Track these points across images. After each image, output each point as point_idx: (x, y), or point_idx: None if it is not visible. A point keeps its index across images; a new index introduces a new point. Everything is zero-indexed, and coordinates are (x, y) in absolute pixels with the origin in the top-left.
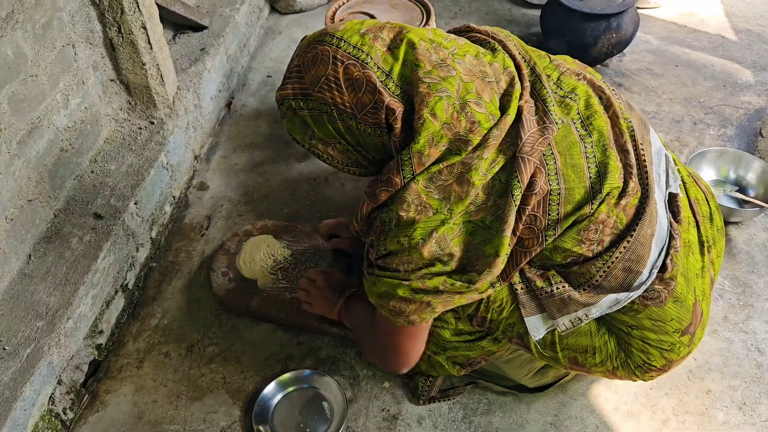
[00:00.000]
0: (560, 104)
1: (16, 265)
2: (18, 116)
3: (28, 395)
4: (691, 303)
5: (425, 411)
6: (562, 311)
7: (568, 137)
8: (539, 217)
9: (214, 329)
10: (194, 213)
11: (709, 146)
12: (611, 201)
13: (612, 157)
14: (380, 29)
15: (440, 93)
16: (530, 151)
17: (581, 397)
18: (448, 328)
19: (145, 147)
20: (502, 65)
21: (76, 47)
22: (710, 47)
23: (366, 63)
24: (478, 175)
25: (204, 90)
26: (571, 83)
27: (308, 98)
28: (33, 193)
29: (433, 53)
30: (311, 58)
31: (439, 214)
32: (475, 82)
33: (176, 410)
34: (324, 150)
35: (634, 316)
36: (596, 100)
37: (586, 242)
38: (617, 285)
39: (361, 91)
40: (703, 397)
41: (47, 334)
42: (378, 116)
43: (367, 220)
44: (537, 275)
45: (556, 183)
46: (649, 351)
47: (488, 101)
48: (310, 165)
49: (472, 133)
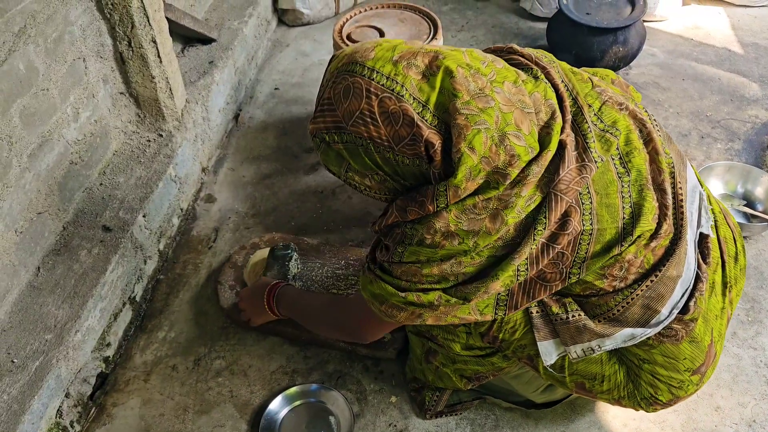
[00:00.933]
0: (600, 139)
1: (25, 277)
2: (29, 129)
3: (36, 408)
4: (707, 344)
5: (432, 426)
6: (575, 339)
7: (605, 175)
8: (567, 254)
9: (221, 342)
10: (202, 225)
11: (716, 160)
12: (641, 242)
13: (648, 198)
14: (413, 56)
15: (479, 126)
16: (565, 190)
17: (589, 413)
18: (459, 342)
19: (154, 159)
20: (544, 96)
21: (87, 61)
22: (717, 61)
23: (401, 95)
24: (513, 213)
25: (212, 103)
26: (612, 116)
27: (342, 132)
28: (43, 205)
29: (471, 81)
30: (342, 91)
31: (464, 244)
32: (514, 113)
33: (183, 424)
34: (361, 181)
35: (647, 350)
36: (636, 135)
37: (608, 278)
38: (634, 321)
39: (398, 125)
40: (712, 414)
41: (55, 347)
42: (416, 148)
43: (389, 227)
44: (553, 301)
45: (589, 223)
46: (657, 386)
47: (527, 133)
48: (317, 178)
49: (511, 166)
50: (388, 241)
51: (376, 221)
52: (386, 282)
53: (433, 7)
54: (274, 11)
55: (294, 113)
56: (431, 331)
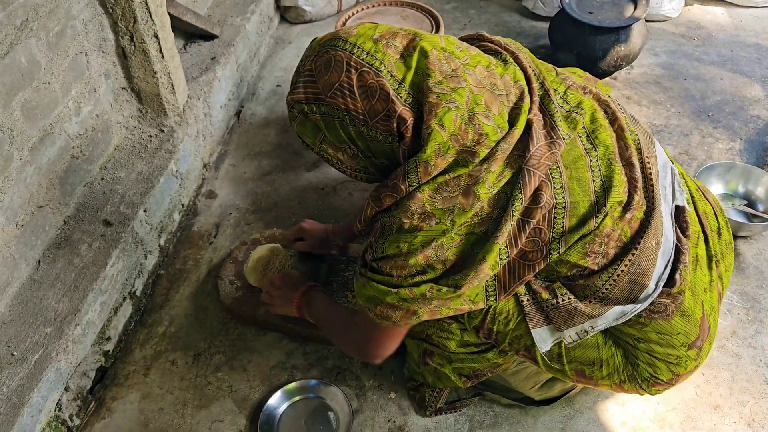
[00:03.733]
0: (566, 119)
1: (25, 271)
2: (30, 123)
3: (36, 401)
4: (699, 317)
5: (431, 423)
6: (568, 323)
7: (573, 151)
8: (543, 230)
9: (220, 337)
10: (202, 221)
11: (717, 160)
12: (615, 214)
13: (617, 170)
14: (393, 36)
15: (449, 104)
16: (536, 165)
17: (588, 410)
18: (454, 339)
19: (155, 155)
20: (513, 78)
21: (89, 55)
22: (719, 61)
23: (380, 71)
24: (484, 188)
25: (214, 99)
26: (577, 97)
27: (321, 103)
28: (43, 199)
29: (445, 63)
30: (324, 63)
31: (441, 224)
32: (484, 95)
33: (182, 418)
34: (334, 155)
35: (640, 329)
36: (601, 114)
37: (591, 255)
38: (623, 297)
39: (375, 99)
40: (711, 412)
41: (55, 341)
42: (390, 124)
43: (369, 222)
44: (542, 287)
45: (561, 197)
46: (655, 364)
47: (497, 114)
48: (318, 174)
49: (480, 145)
50: (371, 239)
51: (356, 223)
52: (377, 282)
53: (436, 5)
54: (277, 8)
55: None
56: (426, 332)
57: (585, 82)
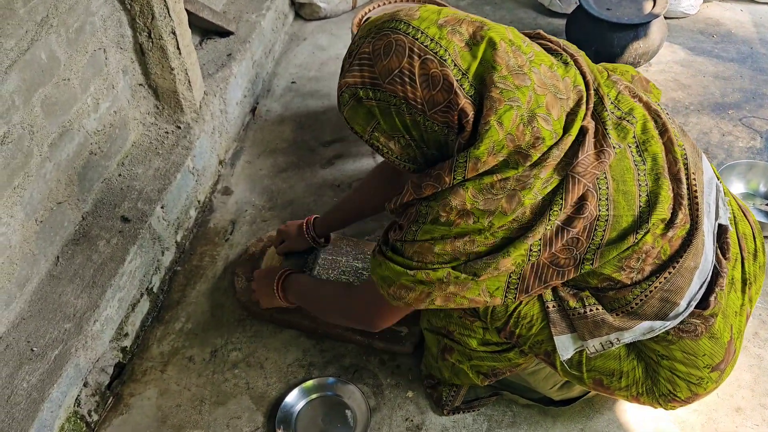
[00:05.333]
0: (617, 126)
1: (44, 266)
2: (50, 119)
3: (55, 397)
4: (726, 340)
5: (449, 422)
6: (593, 333)
7: (622, 162)
8: (582, 240)
9: (237, 334)
10: (219, 218)
11: (737, 159)
12: (657, 232)
13: (664, 186)
14: (459, 22)
15: (511, 102)
16: (583, 172)
17: (608, 411)
18: (475, 337)
19: (172, 151)
20: (573, 82)
21: (107, 52)
22: (739, 58)
23: (444, 59)
24: (530, 195)
25: (230, 95)
26: (629, 103)
27: (377, 89)
28: (62, 195)
29: (512, 57)
30: (383, 47)
31: (479, 224)
32: (546, 96)
33: (200, 415)
34: (385, 143)
35: (666, 346)
36: (652, 125)
37: (626, 269)
38: (652, 313)
39: (437, 89)
40: (732, 414)
41: (74, 336)
42: (449, 116)
43: (404, 206)
44: (570, 294)
45: (606, 209)
46: (676, 382)
47: (556, 119)
48: (334, 171)
49: (534, 148)
50: (402, 221)
51: (391, 200)
52: (396, 263)
53: (451, 1)
54: (292, 5)
55: (311, 107)
56: (447, 327)
57: (634, 87)
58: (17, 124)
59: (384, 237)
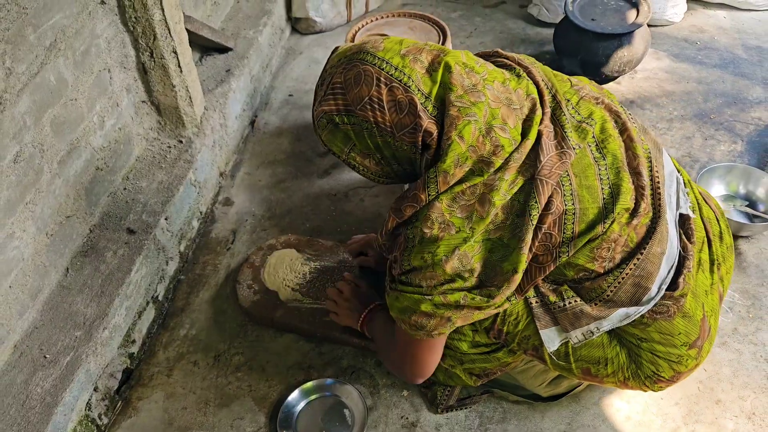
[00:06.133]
0: (577, 129)
1: (55, 277)
2: (59, 138)
3: (68, 401)
4: (699, 318)
5: (443, 419)
6: (574, 324)
7: (583, 160)
8: (554, 234)
9: (239, 339)
10: (220, 228)
11: (719, 162)
12: (622, 220)
13: (625, 179)
14: (419, 51)
15: (469, 117)
16: (548, 174)
17: (594, 406)
18: (466, 341)
19: (175, 165)
20: (526, 92)
21: (112, 72)
22: (721, 64)
23: (408, 86)
24: (498, 195)
25: (229, 109)
26: (588, 108)
27: (350, 114)
28: (71, 209)
29: (466, 78)
30: (354, 77)
31: (462, 232)
32: (501, 109)
33: (205, 416)
34: (361, 162)
35: (643, 329)
36: (611, 125)
37: (598, 259)
38: (627, 299)
39: (403, 113)
40: (713, 407)
41: (85, 343)
42: (415, 136)
43: (391, 235)
44: (550, 290)
45: (571, 203)
46: (658, 363)
47: (512, 127)
48: (330, 181)
49: (495, 155)
50: (396, 253)
51: (378, 237)
52: (409, 292)
53: (442, 14)
54: (288, 20)
55: (307, 119)
56: None
57: (598, 92)
58: (29, 143)
59: (389, 276)
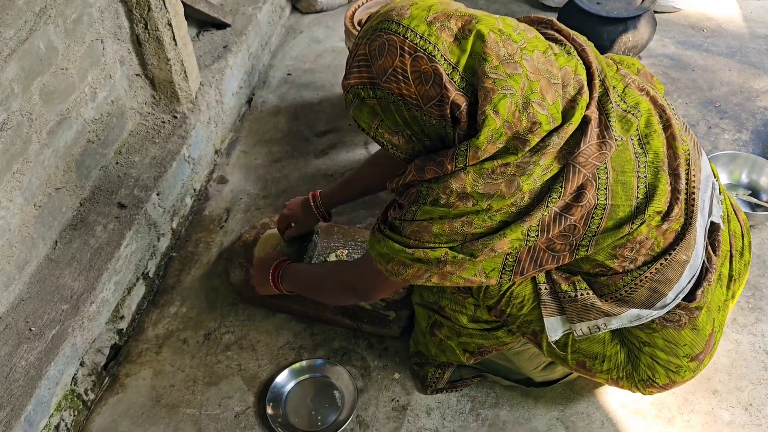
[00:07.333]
0: (621, 119)
1: (43, 250)
2: (48, 107)
3: (52, 374)
4: (707, 333)
5: (434, 402)
6: (582, 317)
7: (623, 153)
8: (578, 227)
9: (230, 318)
10: (214, 205)
11: (723, 150)
12: (652, 223)
13: (662, 180)
14: (447, 18)
15: (505, 90)
16: (584, 162)
17: (588, 393)
18: (466, 314)
19: (168, 140)
20: (574, 71)
21: (105, 42)
22: (728, 52)
23: (433, 55)
24: (529, 181)
25: (226, 86)
26: (635, 98)
27: (376, 87)
28: (60, 181)
29: (502, 47)
30: (378, 47)
31: (477, 206)
32: (540, 82)
33: (193, 395)
34: (390, 139)
35: (650, 333)
36: (656, 119)
37: (619, 258)
38: (640, 302)
39: (428, 84)
40: (709, 397)
41: (71, 317)
42: (443, 109)
43: (405, 186)
44: (563, 278)
45: (604, 198)
46: (655, 368)
47: (551, 103)
48: (327, 161)
49: (532, 133)
50: (403, 200)
51: (394, 180)
52: (394, 241)
53: None
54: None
55: (306, 98)
56: (439, 302)
57: (642, 81)
58: (16, 111)
59: (383, 215)
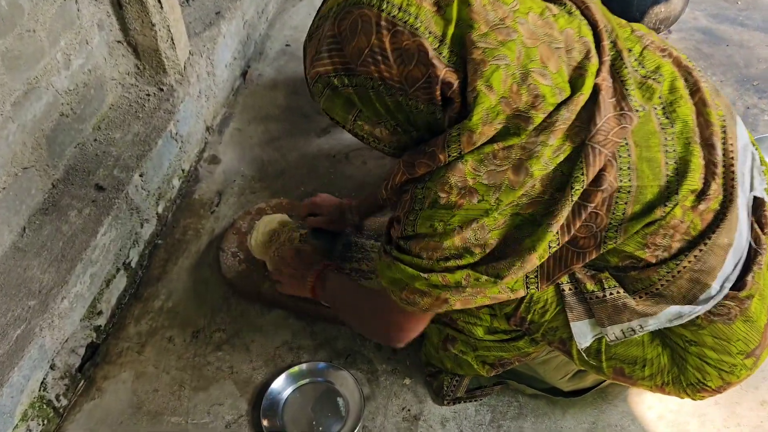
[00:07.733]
0: (641, 86)
1: (8, 238)
2: (12, 74)
3: (16, 381)
4: (763, 324)
5: (450, 412)
6: (613, 319)
7: (646, 126)
8: (601, 215)
9: (222, 314)
10: (204, 188)
11: (762, 133)
12: (687, 204)
13: (695, 153)
14: None
15: (497, 60)
16: (603, 141)
17: (622, 403)
18: (482, 326)
19: (153, 115)
20: (578, 33)
21: (79, 3)
22: (764, 26)
23: (416, 28)
24: (539, 165)
25: (218, 56)
26: (655, 60)
27: (351, 74)
28: (29, 160)
29: (491, 11)
30: (349, 26)
31: (484, 202)
32: (539, 48)
33: (179, 401)
34: (371, 131)
35: (695, 331)
36: (682, 83)
37: (651, 247)
38: (680, 296)
39: (413, 63)
40: (757, 408)
41: (39, 315)
42: (431, 91)
43: (398, 190)
44: (588, 276)
45: (627, 180)
46: (705, 370)
47: (554, 72)
48: (330, 140)
49: (535, 108)
50: (399, 212)
51: (383, 186)
52: (405, 263)
53: None
54: None
55: None
56: (450, 315)
57: (663, 41)
58: None
59: (387, 236)
